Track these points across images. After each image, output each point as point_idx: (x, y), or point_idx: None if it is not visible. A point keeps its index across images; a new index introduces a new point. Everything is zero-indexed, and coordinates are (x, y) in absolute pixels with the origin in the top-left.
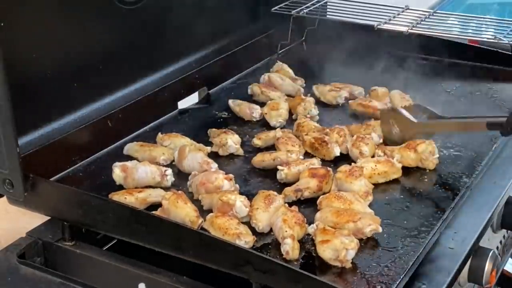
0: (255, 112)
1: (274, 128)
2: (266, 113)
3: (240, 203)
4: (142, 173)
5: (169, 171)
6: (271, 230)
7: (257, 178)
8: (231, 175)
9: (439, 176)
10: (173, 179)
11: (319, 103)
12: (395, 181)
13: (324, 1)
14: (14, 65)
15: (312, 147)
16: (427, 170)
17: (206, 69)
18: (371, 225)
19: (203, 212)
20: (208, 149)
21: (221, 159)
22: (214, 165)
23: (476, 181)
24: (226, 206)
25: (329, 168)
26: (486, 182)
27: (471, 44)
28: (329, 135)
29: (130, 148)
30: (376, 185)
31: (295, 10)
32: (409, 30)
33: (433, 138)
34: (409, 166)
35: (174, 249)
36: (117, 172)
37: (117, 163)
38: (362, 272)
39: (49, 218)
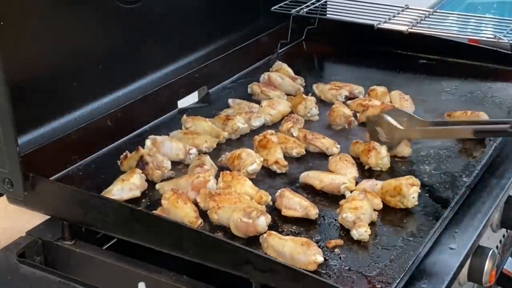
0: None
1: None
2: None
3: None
4: (167, 148)
5: (193, 150)
6: (270, 228)
7: None
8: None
9: (439, 175)
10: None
11: (319, 102)
12: None
13: (324, 0)
14: (14, 65)
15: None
16: (427, 169)
17: (205, 68)
18: None
19: (204, 213)
20: (225, 134)
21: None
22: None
23: (476, 180)
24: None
25: None
26: (486, 182)
27: (471, 43)
28: None
29: (174, 135)
30: None
31: (295, 9)
32: (409, 29)
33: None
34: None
35: (174, 248)
36: (148, 144)
37: (151, 136)
38: (362, 271)
39: (49, 217)
